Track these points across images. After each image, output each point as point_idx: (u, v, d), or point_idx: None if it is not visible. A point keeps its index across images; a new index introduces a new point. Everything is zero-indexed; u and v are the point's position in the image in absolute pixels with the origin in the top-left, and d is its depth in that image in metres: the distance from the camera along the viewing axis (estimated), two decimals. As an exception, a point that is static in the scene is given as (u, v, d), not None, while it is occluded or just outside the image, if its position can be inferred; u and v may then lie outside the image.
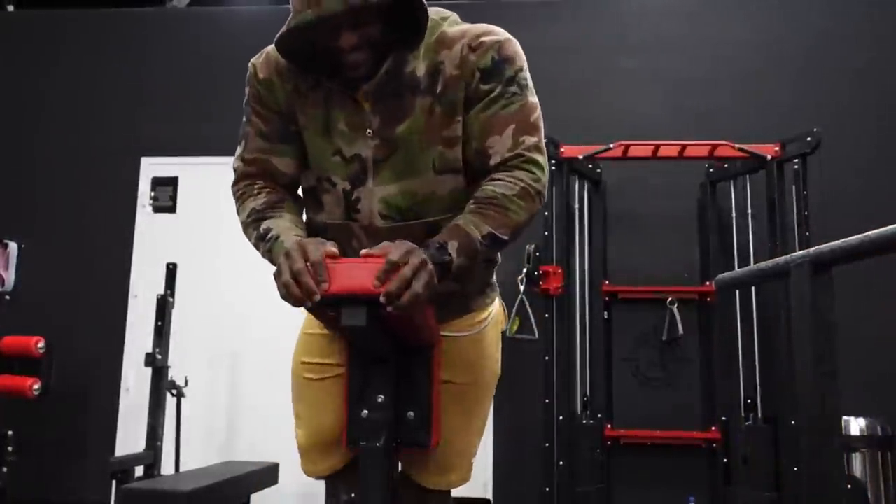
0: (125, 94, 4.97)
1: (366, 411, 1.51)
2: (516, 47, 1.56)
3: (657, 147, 4.17)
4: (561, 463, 3.88)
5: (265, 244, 1.50)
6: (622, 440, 4.18)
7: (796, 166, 4.05)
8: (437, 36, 1.52)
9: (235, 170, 1.64)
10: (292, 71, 1.56)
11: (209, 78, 4.86)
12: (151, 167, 4.86)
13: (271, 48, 1.57)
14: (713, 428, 4.11)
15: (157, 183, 4.84)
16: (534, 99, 1.56)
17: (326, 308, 1.32)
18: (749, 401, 4.02)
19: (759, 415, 3.98)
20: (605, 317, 4.32)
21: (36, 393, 4.25)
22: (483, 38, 1.52)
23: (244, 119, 1.64)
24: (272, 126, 1.60)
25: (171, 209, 4.79)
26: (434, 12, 1.55)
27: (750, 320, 4.12)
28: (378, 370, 1.49)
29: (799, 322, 1.40)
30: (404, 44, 1.49)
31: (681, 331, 4.23)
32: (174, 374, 4.00)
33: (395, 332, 1.44)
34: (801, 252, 1.42)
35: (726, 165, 4.32)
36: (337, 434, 1.63)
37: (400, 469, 1.68)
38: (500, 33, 1.56)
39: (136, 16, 5.15)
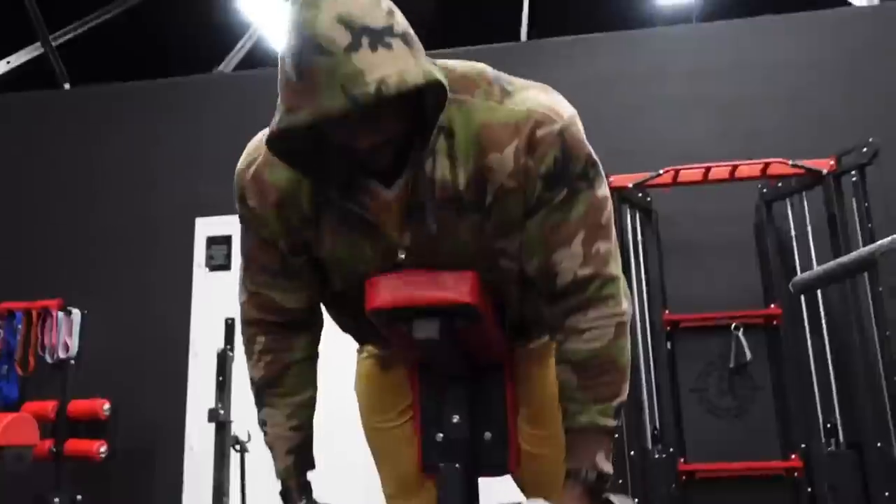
0: (178, 159, 5.11)
1: (440, 434, 1.47)
2: (578, 126, 1.27)
3: (707, 170, 4.11)
4: (636, 500, 3.73)
5: (263, 435, 1.54)
6: (697, 474, 4.01)
7: (854, 179, 3.94)
8: (479, 129, 1.20)
9: (241, 307, 1.46)
10: (292, 196, 1.27)
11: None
12: (206, 227, 4.95)
13: (260, 159, 1.31)
14: (793, 456, 3.92)
15: (212, 242, 4.92)
16: (602, 190, 1.31)
17: (397, 322, 1.30)
18: (829, 425, 3.84)
19: (842, 439, 3.80)
20: (669, 347, 4.21)
21: (103, 455, 4.29)
22: (540, 133, 1.21)
23: (242, 232, 1.42)
24: (270, 257, 1.37)
25: (227, 267, 4.86)
26: (463, 78, 1.22)
27: (821, 339, 3.97)
28: (451, 389, 1.46)
29: (894, 312, 1.32)
30: (425, 139, 1.18)
31: (748, 356, 4.08)
32: (236, 429, 4.00)
33: (467, 346, 1.41)
34: (886, 239, 1.36)
35: (780, 184, 4.23)
36: (418, 476, 1.58)
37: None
38: (559, 114, 1.24)
39: (186, 84, 5.33)
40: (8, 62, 5.65)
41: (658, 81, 4.70)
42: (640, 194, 4.28)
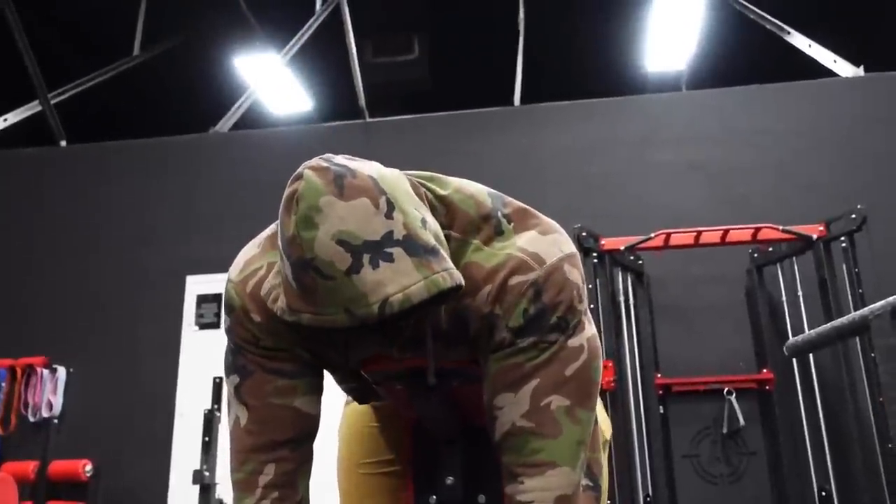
0: (171, 216, 5.12)
1: (434, 497, 1.44)
2: (562, 272, 1.16)
3: (699, 234, 4.15)
4: (629, 570, 3.65)
5: None
6: (692, 543, 3.94)
7: (844, 245, 3.98)
8: (462, 271, 1.13)
9: (239, 433, 1.26)
10: None
11: (250, 196, 4.99)
12: (196, 285, 4.93)
13: (258, 277, 1.23)
14: (788, 525, 3.86)
15: (203, 300, 4.90)
16: (577, 339, 1.17)
17: (392, 380, 1.28)
18: (824, 493, 3.79)
19: (837, 508, 3.75)
20: (661, 411, 4.17)
21: (82, 519, 4.17)
22: (513, 282, 1.14)
23: (233, 349, 1.27)
24: (283, 363, 1.25)
25: (216, 325, 4.82)
26: (461, 214, 1.17)
27: (814, 404, 3.95)
28: (446, 451, 1.43)
29: (887, 376, 1.32)
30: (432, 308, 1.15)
31: (741, 422, 4.05)
32: (221, 491, 3.90)
33: (462, 407, 1.39)
34: (879, 303, 1.37)
35: (771, 249, 4.26)
36: None
37: None
38: (540, 261, 1.15)
39: (181, 143, 5.38)
40: (5, 119, 5.70)
41: (649, 147, 4.78)
42: (631, 257, 4.31)
